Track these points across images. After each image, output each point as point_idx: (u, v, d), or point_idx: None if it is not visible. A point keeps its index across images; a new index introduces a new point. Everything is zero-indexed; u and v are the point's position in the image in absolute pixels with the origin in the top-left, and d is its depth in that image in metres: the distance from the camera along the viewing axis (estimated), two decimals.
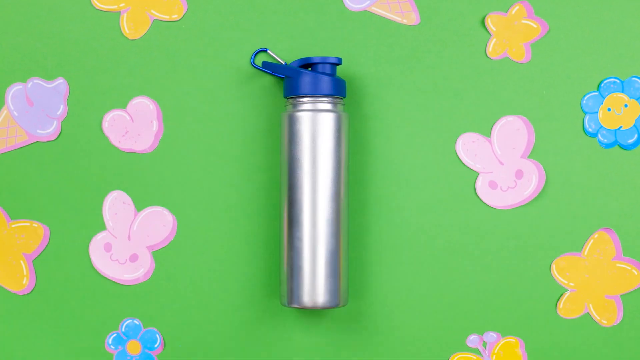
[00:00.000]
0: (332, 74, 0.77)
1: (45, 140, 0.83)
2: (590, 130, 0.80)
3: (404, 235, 0.81)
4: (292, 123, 0.76)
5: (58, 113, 0.83)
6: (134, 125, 0.83)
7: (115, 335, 0.83)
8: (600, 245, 0.81)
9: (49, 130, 0.83)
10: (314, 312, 0.82)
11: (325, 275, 0.76)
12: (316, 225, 0.76)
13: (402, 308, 0.82)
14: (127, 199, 0.83)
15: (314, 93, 0.76)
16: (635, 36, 0.80)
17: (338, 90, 0.77)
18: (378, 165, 0.81)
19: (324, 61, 0.77)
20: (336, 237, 0.77)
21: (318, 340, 0.82)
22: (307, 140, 0.76)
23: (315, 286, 0.76)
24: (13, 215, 0.83)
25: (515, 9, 0.80)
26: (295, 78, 0.77)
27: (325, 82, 0.76)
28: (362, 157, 0.81)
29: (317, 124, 0.76)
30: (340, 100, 0.78)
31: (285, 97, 0.78)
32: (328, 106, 0.77)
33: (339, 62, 0.78)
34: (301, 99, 0.77)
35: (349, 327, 0.82)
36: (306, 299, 0.76)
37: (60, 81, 0.83)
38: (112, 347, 0.83)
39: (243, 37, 0.82)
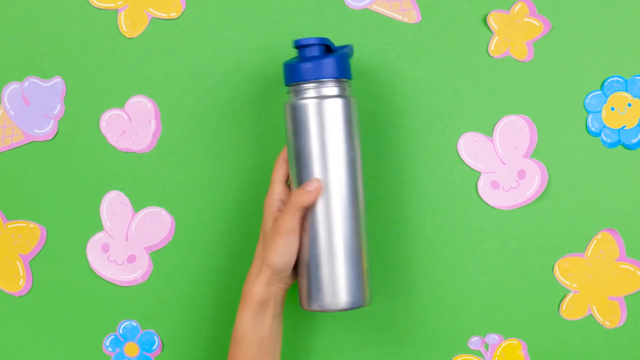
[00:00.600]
0: (335, 55, 0.70)
1: (42, 139, 0.83)
2: (593, 129, 0.80)
3: (405, 236, 0.81)
4: (295, 113, 0.69)
5: (55, 112, 0.83)
6: (131, 125, 0.82)
7: (112, 337, 0.83)
8: (604, 246, 0.80)
9: (45, 130, 0.83)
10: (314, 313, 0.82)
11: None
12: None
13: (403, 309, 0.81)
14: (124, 199, 0.82)
15: (317, 77, 0.69)
16: (639, 34, 0.80)
17: (342, 71, 0.70)
18: (378, 165, 0.81)
19: (307, 43, 0.70)
20: (354, 237, 0.72)
21: (318, 341, 0.82)
22: (314, 131, 0.69)
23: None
24: (9, 216, 0.83)
25: (517, 7, 0.80)
26: (295, 63, 0.70)
27: (327, 64, 0.69)
28: (362, 157, 0.81)
29: (323, 112, 0.69)
30: (347, 82, 0.71)
31: (286, 85, 0.72)
32: (334, 91, 0.69)
33: (324, 42, 0.70)
34: (304, 86, 0.70)
35: (349, 329, 0.82)
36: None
37: (57, 80, 0.82)
38: (109, 349, 0.83)
39: (242, 35, 0.81)
